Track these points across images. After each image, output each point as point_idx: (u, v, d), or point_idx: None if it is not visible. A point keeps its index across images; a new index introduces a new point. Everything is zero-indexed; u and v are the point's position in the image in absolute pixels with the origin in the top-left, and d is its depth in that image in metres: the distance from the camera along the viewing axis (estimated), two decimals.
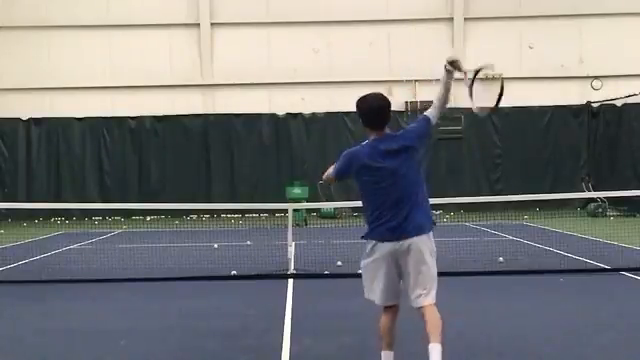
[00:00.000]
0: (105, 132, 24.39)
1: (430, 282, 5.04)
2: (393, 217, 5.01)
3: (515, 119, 24.20)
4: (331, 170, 5.38)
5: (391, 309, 5.22)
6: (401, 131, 5.24)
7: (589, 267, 11.17)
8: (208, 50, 24.39)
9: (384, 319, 5.26)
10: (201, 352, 6.64)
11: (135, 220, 21.98)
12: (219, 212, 23.52)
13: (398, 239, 5.02)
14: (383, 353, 5.28)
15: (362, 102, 5.19)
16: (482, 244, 14.37)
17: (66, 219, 21.96)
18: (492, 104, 5.17)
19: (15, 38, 24.15)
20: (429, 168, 21.16)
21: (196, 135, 24.41)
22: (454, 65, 5.11)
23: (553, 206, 21.21)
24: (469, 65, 5.26)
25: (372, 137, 5.15)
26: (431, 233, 5.11)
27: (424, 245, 5.03)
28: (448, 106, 5.41)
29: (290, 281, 10.28)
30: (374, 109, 5.13)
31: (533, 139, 24.19)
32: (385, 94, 5.36)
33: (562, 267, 11.04)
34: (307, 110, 24.45)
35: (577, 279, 10.28)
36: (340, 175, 5.32)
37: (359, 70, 23.89)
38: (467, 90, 5.23)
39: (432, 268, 5.06)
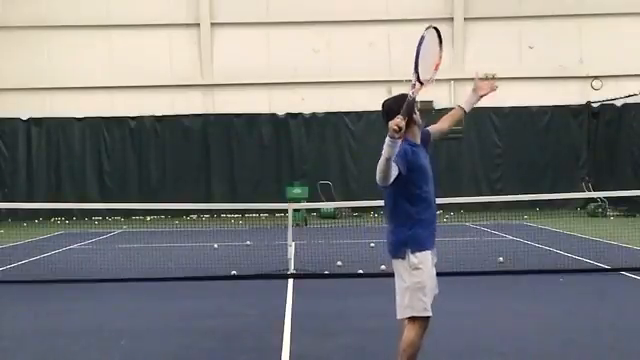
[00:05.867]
0: (105, 132, 24.37)
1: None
2: None
3: (515, 119, 24.22)
4: None
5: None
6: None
7: (589, 267, 11.18)
8: (208, 50, 24.39)
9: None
10: (201, 352, 6.64)
11: (135, 220, 21.97)
12: (219, 212, 23.51)
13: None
14: None
15: None
16: (482, 244, 14.37)
17: (66, 219, 21.96)
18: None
19: (15, 38, 24.13)
20: None
21: (196, 135, 24.40)
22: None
23: (553, 206, 21.23)
24: (469, 65, 5.23)
25: None
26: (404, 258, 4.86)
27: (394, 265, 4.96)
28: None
29: (290, 281, 10.28)
30: None
31: (533, 139, 24.16)
32: (385, 94, 5.33)
33: (562, 267, 11.05)
34: (307, 110, 24.44)
35: (577, 279, 10.28)
36: None
37: (359, 70, 23.89)
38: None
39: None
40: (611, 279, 10.37)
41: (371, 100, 23.66)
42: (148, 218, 22.45)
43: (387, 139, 4.46)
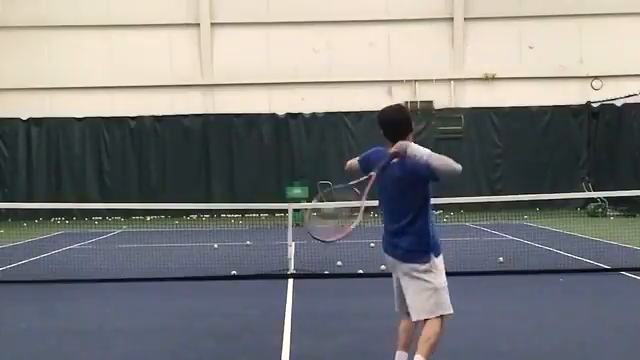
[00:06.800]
0: (105, 132, 24.37)
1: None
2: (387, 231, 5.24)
3: (515, 119, 24.20)
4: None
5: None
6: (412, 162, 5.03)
7: (589, 267, 11.19)
8: (208, 50, 24.39)
9: (402, 321, 5.32)
10: (201, 352, 6.64)
11: (135, 220, 21.96)
12: (219, 212, 23.51)
13: (393, 256, 5.19)
14: (397, 352, 5.27)
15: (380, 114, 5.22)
16: (482, 244, 14.37)
17: (66, 219, 21.94)
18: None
19: (15, 38, 24.13)
20: None
21: (196, 135, 24.40)
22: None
23: (553, 206, 21.22)
24: (469, 65, 5.24)
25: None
26: (427, 262, 5.04)
27: (409, 270, 5.09)
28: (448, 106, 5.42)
29: (290, 281, 10.28)
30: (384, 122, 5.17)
31: (533, 139, 24.15)
32: (385, 94, 5.35)
33: (562, 267, 11.05)
34: (307, 110, 24.43)
35: (577, 279, 10.28)
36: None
37: (359, 70, 23.88)
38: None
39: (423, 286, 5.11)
40: (611, 279, 10.37)
41: (371, 100, 23.71)
42: (148, 218, 22.44)
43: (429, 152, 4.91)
